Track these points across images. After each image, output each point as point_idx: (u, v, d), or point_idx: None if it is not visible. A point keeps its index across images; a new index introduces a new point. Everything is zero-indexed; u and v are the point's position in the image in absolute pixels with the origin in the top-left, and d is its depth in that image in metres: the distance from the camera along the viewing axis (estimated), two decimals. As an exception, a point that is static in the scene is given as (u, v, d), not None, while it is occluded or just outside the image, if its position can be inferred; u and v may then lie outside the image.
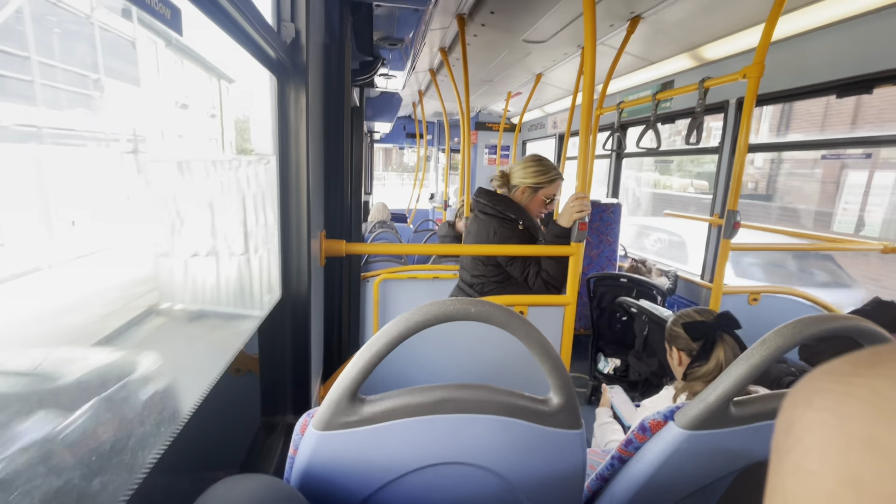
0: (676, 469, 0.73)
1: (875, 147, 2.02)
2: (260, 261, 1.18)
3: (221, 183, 1.09)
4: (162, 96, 0.86)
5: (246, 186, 1.13)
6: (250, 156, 1.23)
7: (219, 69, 1.18)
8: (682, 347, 1.30)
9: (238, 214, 1.11)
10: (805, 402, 0.23)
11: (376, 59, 2.29)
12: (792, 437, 0.22)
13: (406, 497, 0.68)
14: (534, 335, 0.61)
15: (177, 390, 0.78)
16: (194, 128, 1.07)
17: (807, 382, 0.24)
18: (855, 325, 0.66)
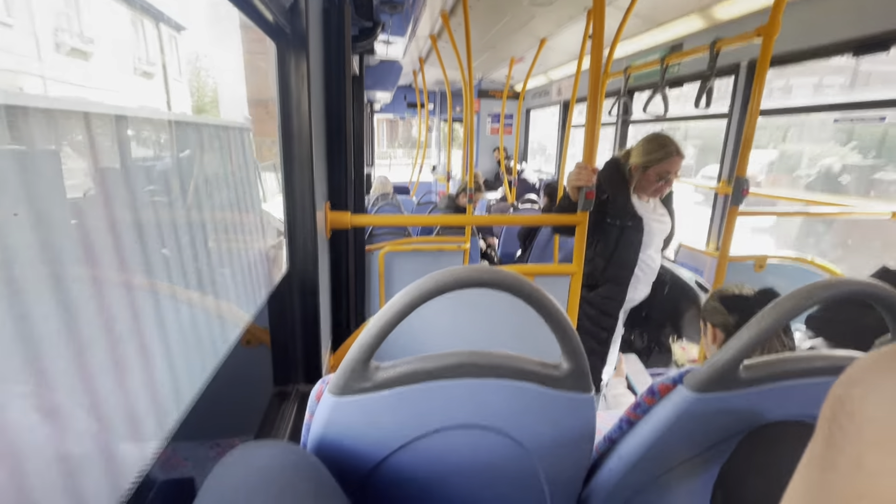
0: (684, 431, 0.74)
1: (891, 108, 1.96)
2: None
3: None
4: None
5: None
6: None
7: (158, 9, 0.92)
8: (718, 323, 1.28)
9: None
10: (862, 389, 0.20)
11: (376, 24, 2.21)
12: (849, 430, 0.20)
13: (420, 459, 0.69)
14: (545, 301, 0.62)
15: (194, 360, 0.79)
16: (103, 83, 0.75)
17: (860, 369, 0.21)
18: (870, 289, 0.66)
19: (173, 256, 0.67)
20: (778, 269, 2.14)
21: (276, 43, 1.12)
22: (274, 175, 1.27)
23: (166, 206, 0.68)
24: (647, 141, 1.82)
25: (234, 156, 1.04)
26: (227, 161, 1.00)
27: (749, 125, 1.85)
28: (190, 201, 0.77)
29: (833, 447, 0.20)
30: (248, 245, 1.07)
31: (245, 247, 1.06)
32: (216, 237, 0.87)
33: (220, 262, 0.89)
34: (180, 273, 0.69)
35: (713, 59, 2.17)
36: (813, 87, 4.31)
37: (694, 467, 0.83)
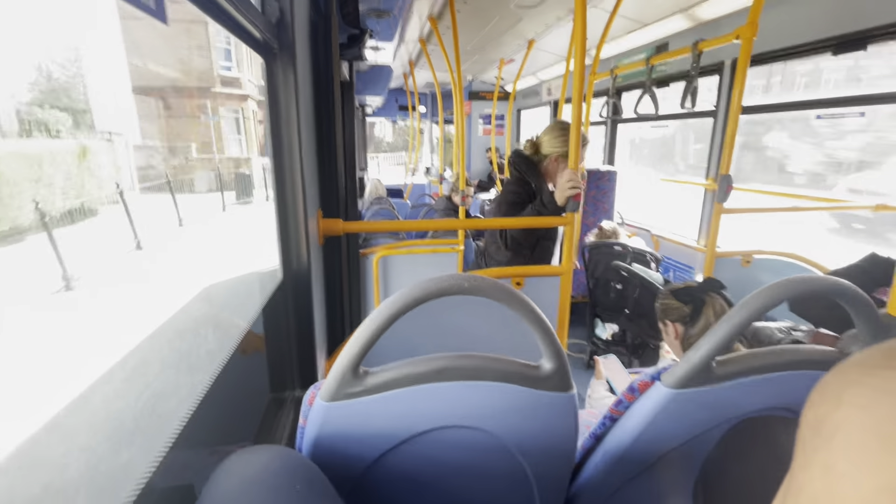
0: (663, 426, 0.78)
1: (871, 105, 2.00)
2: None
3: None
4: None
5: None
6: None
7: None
8: (675, 318, 1.34)
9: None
10: (835, 398, 0.21)
11: (363, 32, 2.24)
12: (822, 435, 0.21)
13: (411, 460, 0.72)
14: (526, 305, 0.65)
15: (191, 371, 0.81)
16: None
17: (836, 375, 0.23)
18: (834, 286, 0.69)
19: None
20: (764, 264, 2.18)
21: (264, 57, 1.14)
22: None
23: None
24: (559, 129, 1.83)
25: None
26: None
27: (731, 123, 1.89)
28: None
29: (806, 455, 0.22)
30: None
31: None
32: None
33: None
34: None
35: (696, 59, 2.21)
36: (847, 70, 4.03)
37: (676, 459, 0.86)
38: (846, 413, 0.20)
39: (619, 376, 1.51)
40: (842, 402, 0.21)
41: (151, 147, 1.07)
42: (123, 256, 0.84)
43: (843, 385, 0.22)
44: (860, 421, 0.20)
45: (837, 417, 0.21)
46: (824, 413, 0.22)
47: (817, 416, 0.22)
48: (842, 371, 0.23)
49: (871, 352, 0.22)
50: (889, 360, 0.21)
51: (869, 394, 0.20)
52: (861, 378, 0.21)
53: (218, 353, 0.91)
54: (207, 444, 1.16)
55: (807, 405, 0.23)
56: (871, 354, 0.22)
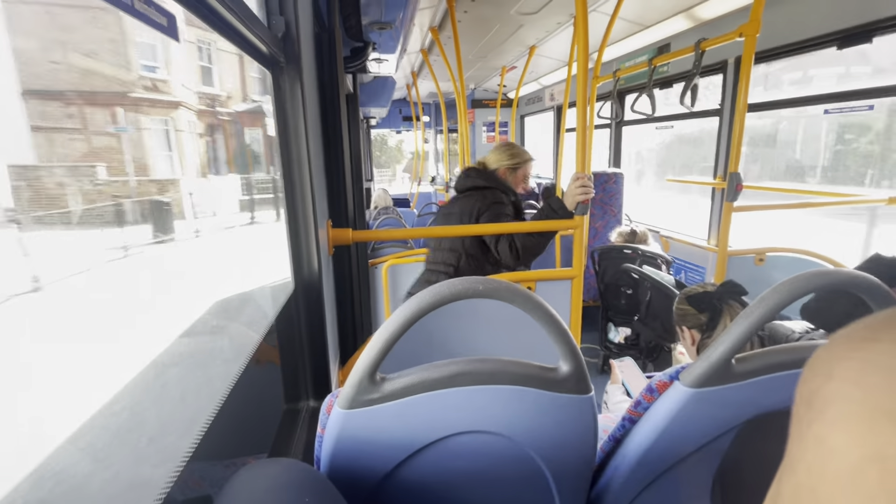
0: (684, 426, 0.76)
1: (880, 98, 1.99)
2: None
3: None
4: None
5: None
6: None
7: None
8: (692, 325, 1.29)
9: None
10: (825, 372, 0.22)
11: (367, 45, 2.27)
12: (813, 408, 0.22)
13: (429, 467, 0.72)
14: (540, 307, 0.64)
15: (209, 382, 0.82)
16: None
17: (825, 350, 0.23)
18: (851, 279, 0.68)
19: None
20: (778, 261, 2.16)
21: (271, 71, 1.16)
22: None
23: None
24: (508, 147, 1.95)
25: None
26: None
27: (738, 121, 1.88)
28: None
29: (801, 429, 0.22)
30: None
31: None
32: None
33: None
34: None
35: (698, 58, 2.21)
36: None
37: (698, 461, 0.84)
38: (837, 386, 0.21)
39: (636, 380, 1.48)
40: (832, 376, 0.21)
41: (38, 168, 0.81)
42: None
43: (833, 359, 0.22)
44: (849, 393, 0.20)
45: (828, 391, 0.21)
46: (816, 387, 0.22)
47: (810, 391, 0.22)
48: (831, 346, 0.23)
49: (857, 325, 0.23)
50: (874, 332, 0.21)
51: (857, 366, 0.21)
52: (849, 352, 0.22)
53: (234, 362, 0.91)
54: (224, 455, 1.16)
55: (800, 381, 0.24)
56: (857, 328, 0.23)
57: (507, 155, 1.93)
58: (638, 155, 6.59)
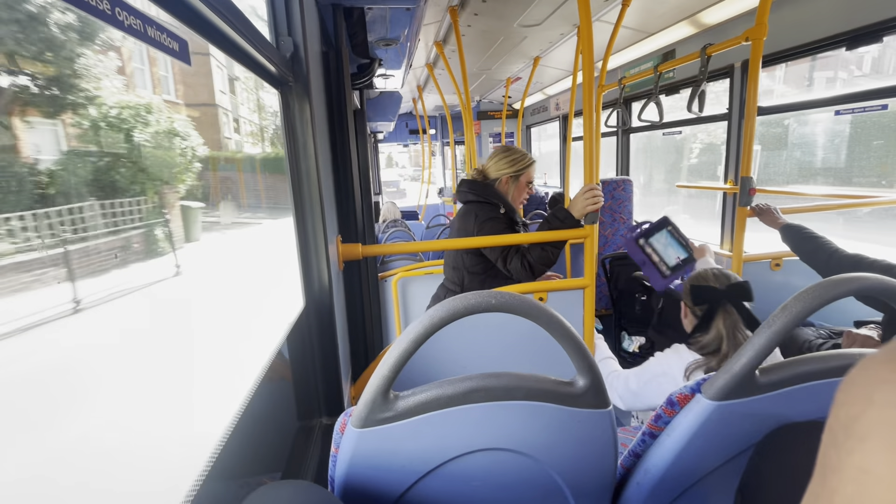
0: (707, 440, 0.74)
1: (893, 97, 1.95)
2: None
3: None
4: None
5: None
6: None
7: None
8: (689, 306, 1.29)
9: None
10: (864, 397, 0.21)
11: (373, 61, 2.30)
12: (853, 436, 0.20)
13: (446, 486, 0.70)
14: (555, 320, 0.63)
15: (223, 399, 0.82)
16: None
17: (862, 372, 0.22)
18: (879, 284, 0.66)
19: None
20: (796, 267, 2.11)
21: (280, 91, 1.18)
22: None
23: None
24: (505, 153, 1.85)
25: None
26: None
27: (748, 125, 1.86)
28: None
29: (840, 457, 0.21)
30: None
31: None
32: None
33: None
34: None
35: (704, 63, 2.20)
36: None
37: (723, 477, 0.82)
38: (878, 412, 0.20)
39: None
40: (873, 401, 0.20)
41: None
42: None
43: (873, 383, 0.21)
44: (893, 419, 0.19)
45: (870, 417, 0.20)
46: (856, 413, 0.21)
47: (848, 416, 0.21)
48: (868, 368, 0.22)
49: (894, 346, 0.21)
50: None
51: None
52: (891, 375, 0.20)
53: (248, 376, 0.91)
54: (238, 474, 1.15)
55: (835, 404, 0.22)
56: (894, 349, 0.21)
57: (507, 162, 1.83)
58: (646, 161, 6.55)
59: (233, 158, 1.02)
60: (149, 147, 1.19)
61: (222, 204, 1.03)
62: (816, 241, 1.71)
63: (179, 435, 0.84)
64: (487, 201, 1.80)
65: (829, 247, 1.67)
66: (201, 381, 1.04)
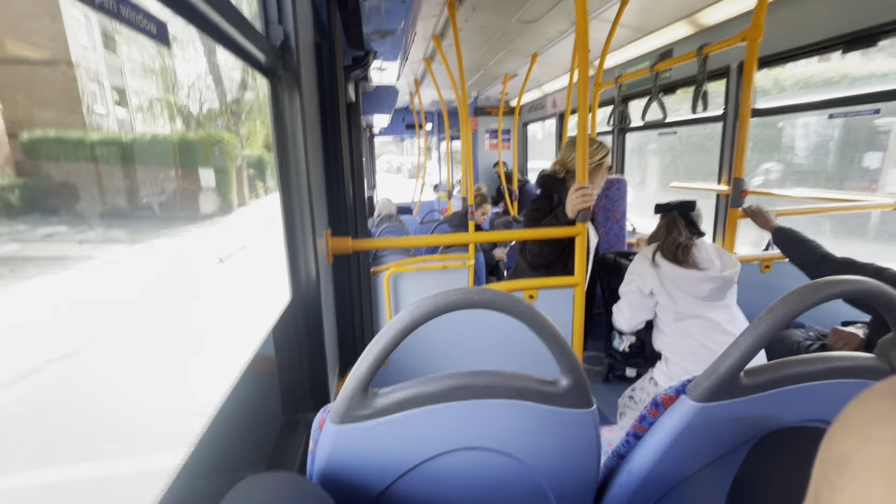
0: (691, 441, 0.74)
1: (886, 101, 1.96)
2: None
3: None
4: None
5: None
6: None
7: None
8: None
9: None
10: (861, 432, 0.20)
11: (368, 53, 2.28)
12: (848, 471, 0.20)
13: (426, 484, 0.69)
14: (538, 319, 0.62)
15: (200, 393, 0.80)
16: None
17: (858, 407, 0.21)
18: (864, 287, 0.66)
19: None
20: (785, 268, 2.11)
21: (269, 80, 1.15)
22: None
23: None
24: (570, 145, 1.91)
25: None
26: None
27: (742, 127, 1.86)
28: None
29: (833, 492, 0.20)
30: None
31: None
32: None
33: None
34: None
35: (702, 63, 2.19)
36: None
37: (707, 476, 0.81)
38: (876, 449, 0.19)
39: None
40: (870, 437, 0.20)
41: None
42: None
43: (870, 418, 0.20)
44: (892, 457, 0.18)
45: (865, 453, 0.19)
46: (851, 448, 0.20)
47: (843, 451, 0.21)
48: (866, 402, 0.21)
49: (892, 381, 0.21)
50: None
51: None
52: (887, 409, 0.20)
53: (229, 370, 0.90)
54: (220, 469, 1.14)
55: (828, 437, 0.22)
56: (893, 384, 0.21)
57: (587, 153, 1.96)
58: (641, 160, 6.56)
59: (110, 142, 0.77)
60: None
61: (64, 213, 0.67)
62: (807, 244, 1.72)
63: (151, 430, 0.82)
64: (549, 195, 1.91)
65: (819, 250, 1.68)
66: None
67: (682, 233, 1.67)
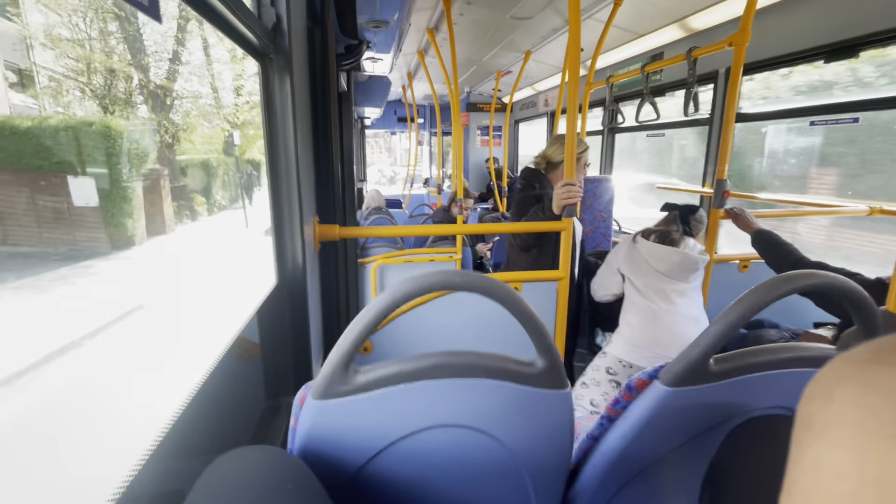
0: (662, 424, 0.76)
1: (867, 110, 2.02)
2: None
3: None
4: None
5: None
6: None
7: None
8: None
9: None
10: (825, 395, 0.22)
11: (361, 43, 2.27)
12: (812, 430, 0.21)
13: (404, 460, 0.71)
14: (515, 301, 0.64)
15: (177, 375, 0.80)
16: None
17: (826, 372, 0.23)
18: (829, 283, 0.69)
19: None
20: (762, 268, 2.17)
21: (260, 63, 1.15)
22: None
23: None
24: (559, 141, 1.98)
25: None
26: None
27: (726, 130, 1.90)
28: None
29: (800, 450, 0.22)
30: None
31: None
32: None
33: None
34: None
35: (692, 66, 2.23)
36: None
37: (676, 459, 0.84)
38: (837, 408, 0.21)
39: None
40: (832, 397, 0.21)
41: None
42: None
43: (834, 381, 0.22)
44: (849, 414, 0.20)
45: (828, 412, 0.21)
46: (816, 409, 0.22)
47: (809, 412, 0.22)
48: (833, 368, 0.23)
49: (860, 348, 0.23)
50: (877, 355, 0.21)
51: (857, 389, 0.20)
52: (851, 374, 0.21)
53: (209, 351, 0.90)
54: (201, 452, 1.14)
55: (800, 402, 0.24)
56: (860, 350, 0.22)
57: (557, 148, 1.98)
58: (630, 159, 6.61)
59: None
60: None
61: None
62: (784, 247, 1.77)
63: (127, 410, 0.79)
64: (529, 184, 1.99)
65: (795, 254, 1.73)
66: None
67: (678, 228, 1.87)
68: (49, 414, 0.86)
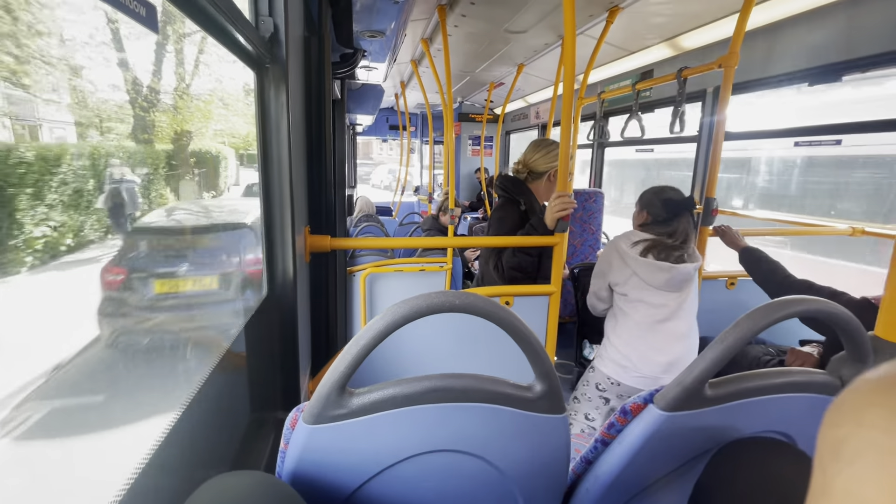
0: (657, 449, 0.76)
1: (850, 133, 2.08)
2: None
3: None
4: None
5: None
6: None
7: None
8: (652, 213, 1.71)
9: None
10: (853, 420, 0.21)
11: (357, 52, 2.27)
12: (841, 458, 0.20)
13: (397, 486, 0.69)
14: (516, 324, 0.63)
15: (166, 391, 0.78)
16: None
17: (851, 395, 0.22)
18: (822, 309, 0.70)
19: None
20: (749, 286, 2.21)
21: (256, 72, 1.14)
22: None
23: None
24: (545, 146, 1.89)
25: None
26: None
27: (715, 148, 1.94)
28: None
29: (826, 479, 0.21)
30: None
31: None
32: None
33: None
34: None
35: (682, 85, 2.28)
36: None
37: (669, 483, 0.84)
38: (868, 435, 0.20)
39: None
40: (862, 423, 0.20)
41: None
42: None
43: (862, 406, 0.21)
44: (882, 444, 0.19)
45: (858, 440, 0.20)
46: (844, 435, 0.21)
47: (837, 439, 0.21)
48: (859, 391, 0.22)
49: (884, 368, 0.22)
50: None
51: (888, 414, 0.19)
52: (881, 399, 0.20)
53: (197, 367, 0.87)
54: (183, 467, 1.10)
55: (823, 426, 0.23)
56: (885, 371, 0.21)
57: (548, 157, 1.87)
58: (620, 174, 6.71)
59: None
60: None
61: None
62: (771, 264, 1.80)
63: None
64: (512, 198, 1.86)
65: (782, 272, 1.76)
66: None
67: (682, 238, 1.68)
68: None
